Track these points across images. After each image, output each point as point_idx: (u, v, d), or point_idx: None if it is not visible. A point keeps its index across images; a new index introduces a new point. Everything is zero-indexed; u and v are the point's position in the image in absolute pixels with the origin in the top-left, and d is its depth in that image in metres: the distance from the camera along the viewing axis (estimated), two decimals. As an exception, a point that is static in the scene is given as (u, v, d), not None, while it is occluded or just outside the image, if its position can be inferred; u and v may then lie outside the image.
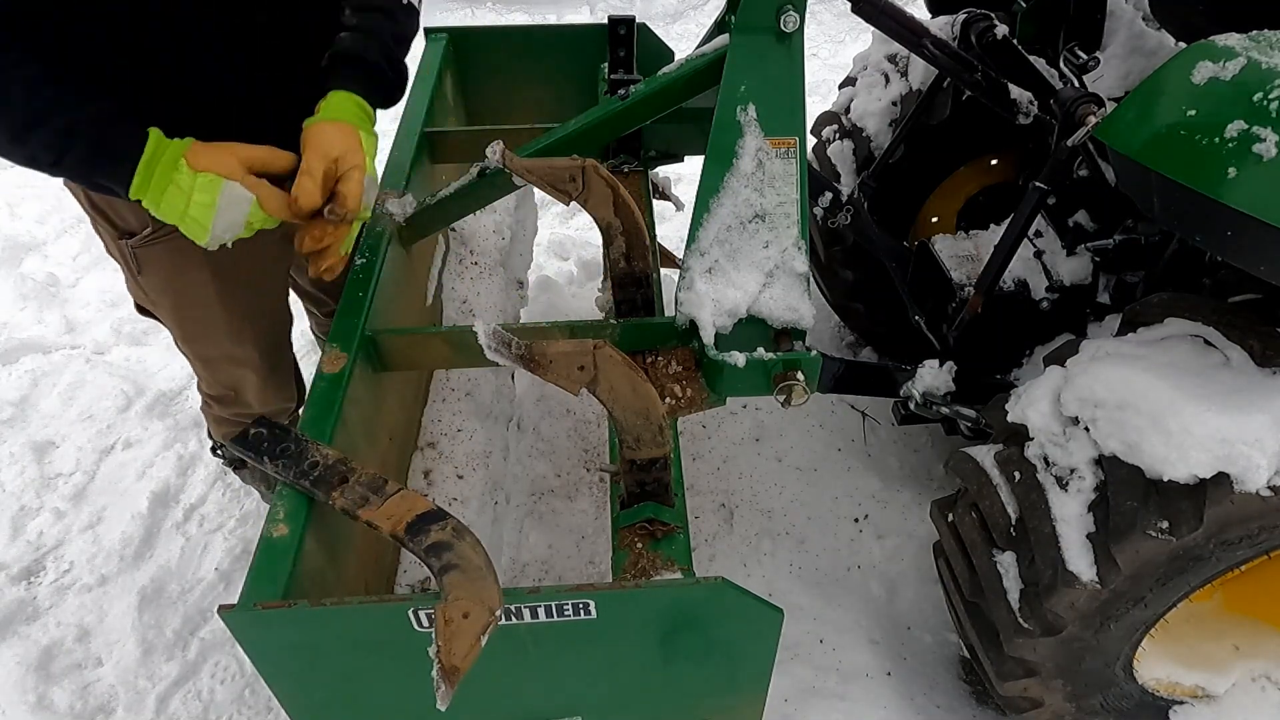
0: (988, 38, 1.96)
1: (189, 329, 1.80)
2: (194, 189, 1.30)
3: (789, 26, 1.63)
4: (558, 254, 3.61)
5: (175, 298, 1.72)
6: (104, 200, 1.56)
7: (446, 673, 0.95)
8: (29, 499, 2.53)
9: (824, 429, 2.72)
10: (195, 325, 1.79)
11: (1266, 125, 1.27)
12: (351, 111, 1.46)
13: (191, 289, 1.69)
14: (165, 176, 1.29)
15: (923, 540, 2.36)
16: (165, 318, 1.80)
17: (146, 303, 1.79)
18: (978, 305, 1.97)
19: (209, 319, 1.76)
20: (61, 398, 2.85)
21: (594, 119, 1.85)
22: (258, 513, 2.50)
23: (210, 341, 1.82)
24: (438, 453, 1.86)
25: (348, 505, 1.19)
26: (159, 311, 1.79)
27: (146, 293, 1.74)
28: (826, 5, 5.84)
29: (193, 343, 1.84)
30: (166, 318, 1.80)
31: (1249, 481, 1.36)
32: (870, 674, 2.09)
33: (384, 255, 1.76)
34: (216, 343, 1.82)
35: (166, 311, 1.77)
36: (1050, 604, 1.52)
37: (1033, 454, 1.62)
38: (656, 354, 1.59)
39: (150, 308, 1.80)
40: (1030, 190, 1.83)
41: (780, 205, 1.59)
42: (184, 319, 1.78)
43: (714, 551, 2.38)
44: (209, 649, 2.17)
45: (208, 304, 1.72)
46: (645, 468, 1.36)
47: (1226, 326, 1.53)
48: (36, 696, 2.06)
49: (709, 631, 1.19)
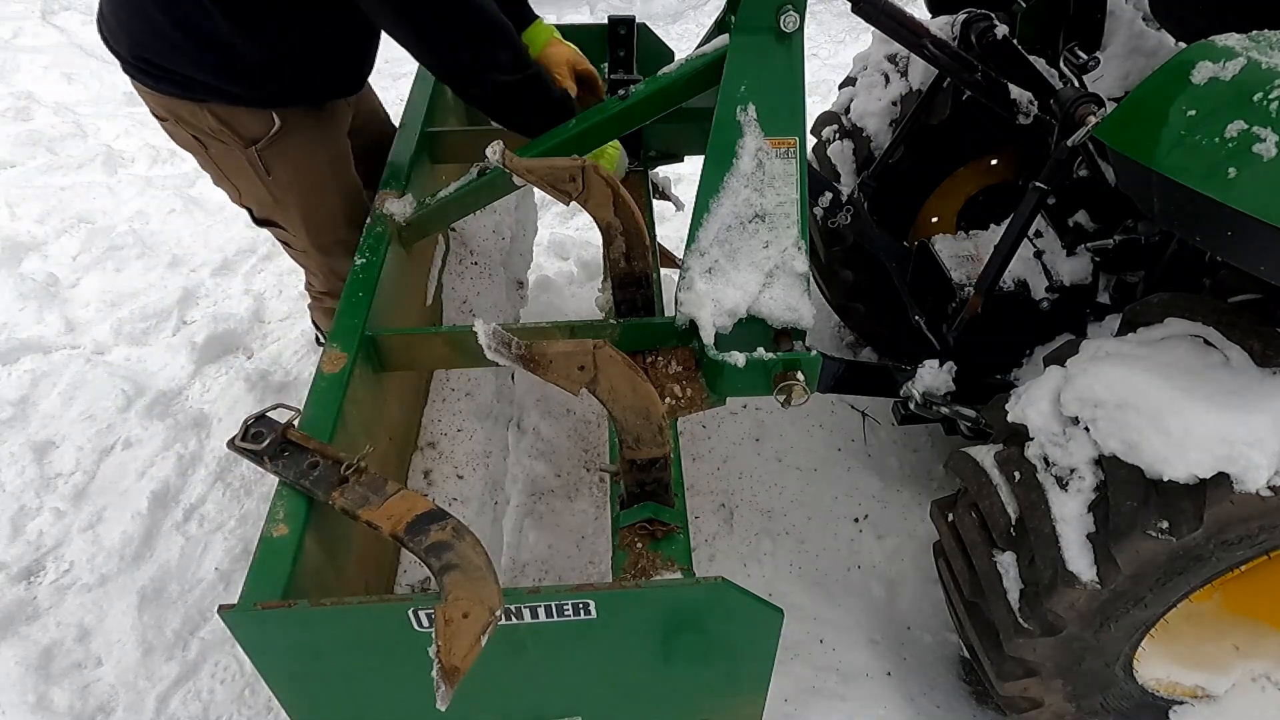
0: (988, 38, 1.96)
1: (313, 218, 2.03)
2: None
3: (789, 26, 1.63)
4: (558, 254, 3.61)
5: (301, 187, 1.97)
6: (227, 113, 1.81)
7: (446, 673, 0.95)
8: (29, 499, 2.53)
9: (824, 429, 2.72)
10: (319, 212, 2.03)
11: (1266, 125, 1.27)
12: (550, 31, 2.08)
13: (315, 175, 1.97)
14: None
15: (923, 540, 2.36)
16: (293, 211, 2.01)
17: (271, 205, 2.00)
18: (978, 305, 1.97)
19: (329, 204, 2.03)
20: (61, 398, 2.85)
21: (594, 119, 1.85)
22: (258, 513, 2.50)
23: (330, 227, 2.06)
24: (438, 453, 1.86)
25: (348, 505, 1.19)
26: (284, 209, 2.01)
27: (274, 193, 1.96)
28: (826, 5, 5.84)
29: (317, 232, 2.07)
30: (294, 210, 2.01)
31: (1249, 481, 1.36)
32: (870, 674, 2.09)
33: (384, 255, 1.76)
34: (335, 227, 2.06)
35: (294, 204, 1.99)
36: (1050, 604, 1.52)
37: (1033, 454, 1.62)
38: (656, 354, 1.60)
39: (275, 208, 2.01)
40: (1030, 190, 1.83)
41: (780, 205, 1.60)
42: (309, 206, 2.01)
43: (714, 551, 2.38)
44: (209, 649, 2.17)
45: (327, 189, 2.01)
46: (645, 468, 1.36)
47: (1226, 326, 1.53)
48: (36, 696, 2.06)
49: (709, 632, 1.19)
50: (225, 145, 1.87)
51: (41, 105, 4.84)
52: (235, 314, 3.24)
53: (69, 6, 6.09)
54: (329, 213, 2.04)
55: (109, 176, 4.20)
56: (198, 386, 2.95)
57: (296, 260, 2.30)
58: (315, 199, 2.01)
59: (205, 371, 3.01)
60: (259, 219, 2.10)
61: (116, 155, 4.36)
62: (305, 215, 2.02)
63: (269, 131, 1.84)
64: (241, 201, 2.05)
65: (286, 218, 2.04)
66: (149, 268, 3.52)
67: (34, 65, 5.26)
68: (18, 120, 4.66)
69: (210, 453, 2.67)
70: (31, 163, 4.28)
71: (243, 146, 1.86)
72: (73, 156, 4.33)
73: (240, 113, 1.82)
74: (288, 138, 1.87)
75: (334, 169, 2.01)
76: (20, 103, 4.79)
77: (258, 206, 2.05)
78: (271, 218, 2.07)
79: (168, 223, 3.85)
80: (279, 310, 3.33)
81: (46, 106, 4.84)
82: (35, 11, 5.93)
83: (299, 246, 2.16)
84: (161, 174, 4.28)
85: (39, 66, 5.26)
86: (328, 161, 1.99)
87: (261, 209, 2.05)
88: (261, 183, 1.93)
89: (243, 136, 1.85)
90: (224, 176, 1.98)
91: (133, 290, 3.39)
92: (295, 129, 1.87)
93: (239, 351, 3.12)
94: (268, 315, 3.31)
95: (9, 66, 5.22)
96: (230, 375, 2.97)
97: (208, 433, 2.76)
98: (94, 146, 4.42)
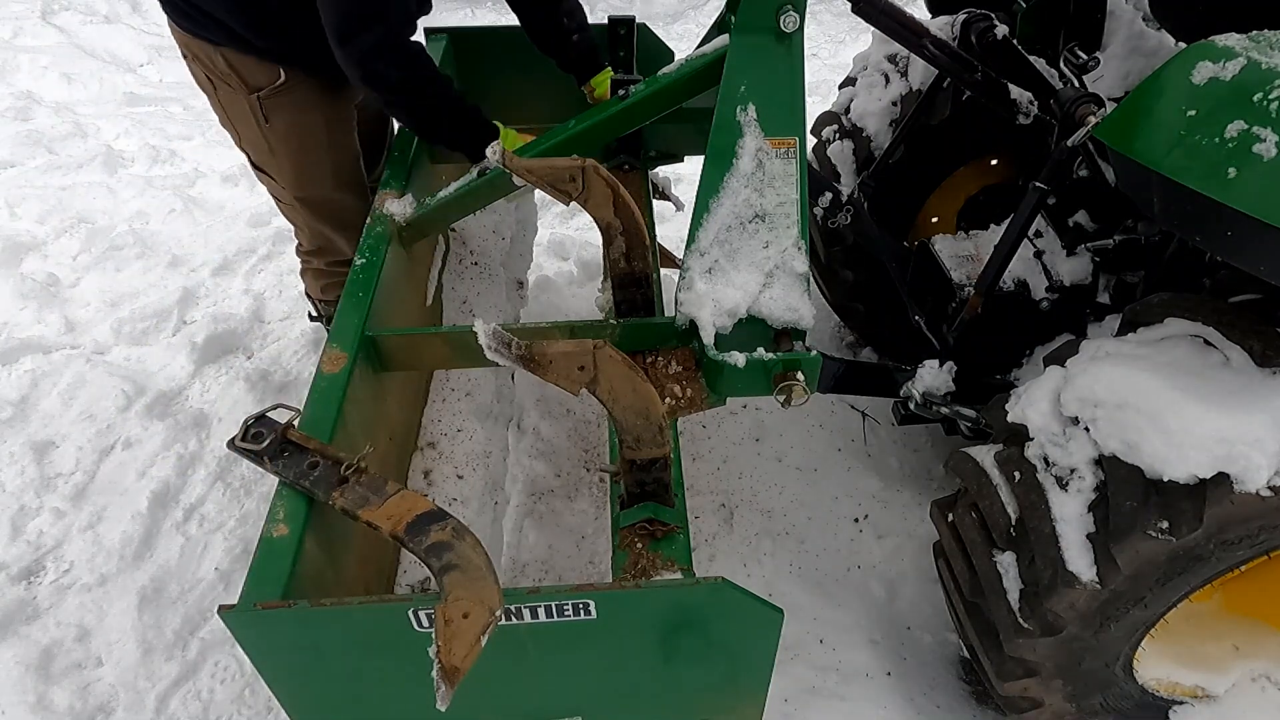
0: (988, 38, 1.96)
1: (304, 172, 2.17)
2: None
3: (789, 26, 1.63)
4: (558, 254, 3.61)
5: (296, 140, 2.10)
6: (238, 60, 1.97)
7: (446, 673, 0.95)
8: (29, 499, 2.53)
9: (824, 429, 2.72)
10: (309, 168, 2.16)
11: (1266, 125, 1.27)
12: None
13: (310, 131, 2.10)
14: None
15: (923, 540, 2.36)
16: (284, 162, 2.14)
17: (265, 153, 2.14)
18: (978, 305, 1.97)
19: (320, 161, 2.15)
20: (61, 398, 2.85)
21: (594, 119, 1.85)
22: (258, 513, 2.50)
23: (317, 183, 2.20)
24: (438, 453, 1.86)
25: (348, 505, 1.19)
26: (278, 159, 2.14)
27: (269, 140, 2.09)
28: (826, 5, 5.84)
29: (306, 186, 2.21)
30: (285, 161, 2.14)
31: (1249, 481, 1.36)
32: (870, 674, 2.09)
33: (384, 255, 1.76)
34: (322, 184, 2.20)
35: (287, 155, 2.12)
36: (1050, 604, 1.52)
37: (1033, 454, 1.62)
38: (656, 354, 1.60)
39: (269, 157, 2.15)
40: (1030, 190, 1.83)
41: (780, 205, 1.60)
42: (301, 161, 2.14)
43: (714, 551, 2.38)
44: (209, 649, 2.17)
45: (320, 146, 2.13)
46: (645, 468, 1.36)
47: (1226, 326, 1.53)
48: (36, 696, 2.06)
49: (709, 632, 1.19)
50: (231, 90, 2.02)
51: (41, 105, 4.84)
52: (235, 314, 3.24)
53: (69, 6, 6.10)
54: (318, 170, 2.17)
55: (109, 176, 4.20)
56: (198, 386, 2.95)
57: (284, 215, 2.44)
58: (307, 154, 2.13)
59: (205, 371, 3.01)
60: (254, 164, 2.24)
61: (116, 155, 4.37)
62: (295, 168, 2.16)
63: (273, 83, 1.99)
64: (240, 145, 2.20)
65: (278, 168, 2.17)
66: (149, 268, 3.52)
67: (34, 65, 5.27)
68: (18, 120, 4.66)
69: (210, 453, 2.67)
70: (31, 163, 4.28)
71: (246, 93, 2.01)
72: (73, 156, 4.33)
73: (250, 61, 1.97)
74: (290, 93, 2.01)
75: (330, 129, 2.13)
76: (20, 103, 4.80)
77: (254, 152, 2.19)
78: (264, 166, 2.21)
79: (168, 223, 3.85)
80: (279, 310, 3.32)
81: (46, 106, 4.84)
82: (35, 11, 5.93)
83: (285, 200, 2.29)
84: (161, 174, 4.28)
85: (39, 66, 5.26)
86: (324, 122, 2.10)
87: (257, 154, 2.18)
88: (259, 129, 2.07)
89: (248, 83, 2.00)
90: (228, 119, 2.13)
91: (133, 290, 3.39)
92: (298, 86, 2.01)
93: (239, 351, 3.12)
94: (268, 315, 3.31)
95: (9, 66, 5.23)
96: (230, 375, 2.97)
97: (208, 433, 2.76)
98: (94, 146, 4.42)
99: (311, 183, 2.20)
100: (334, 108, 2.11)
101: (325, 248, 2.44)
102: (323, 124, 2.10)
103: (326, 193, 2.22)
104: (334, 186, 2.21)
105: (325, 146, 2.14)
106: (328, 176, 2.19)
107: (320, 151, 2.14)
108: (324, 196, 2.23)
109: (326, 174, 2.18)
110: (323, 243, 2.42)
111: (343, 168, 2.20)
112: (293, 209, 2.33)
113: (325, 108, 2.09)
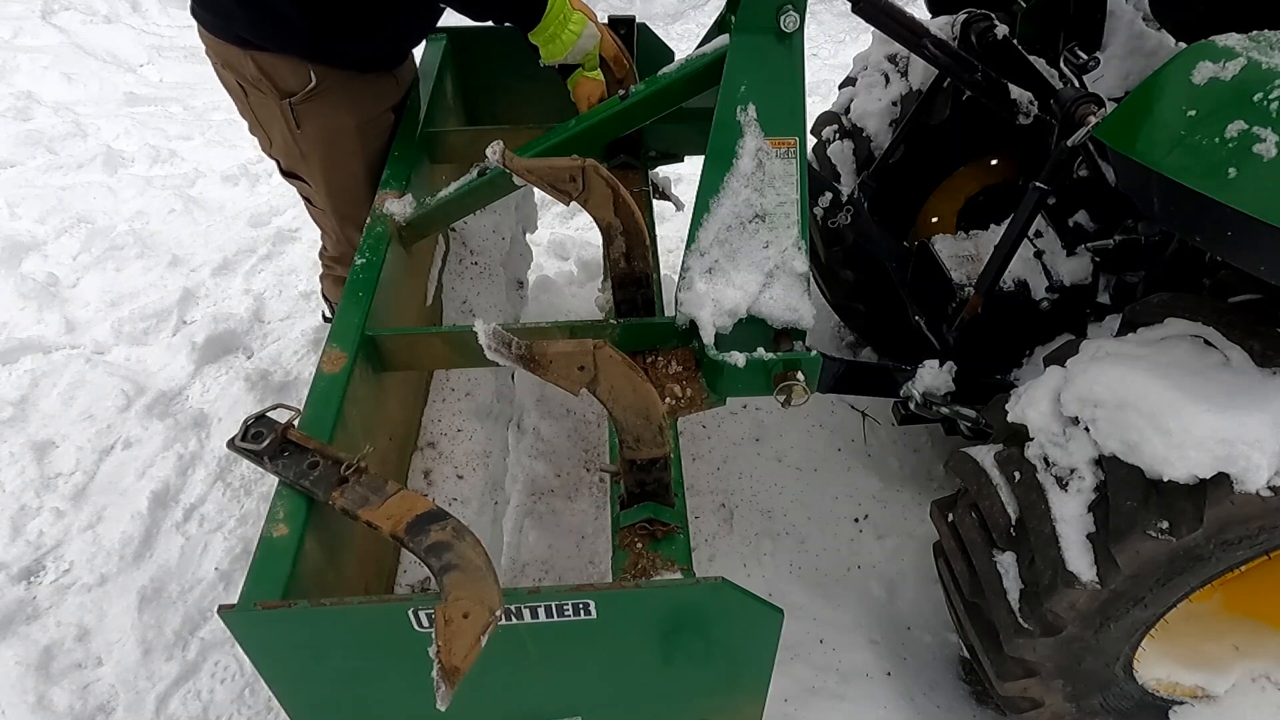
0: (988, 38, 1.96)
1: (334, 181, 2.14)
2: (569, 20, 1.90)
3: (789, 26, 1.63)
4: (558, 254, 3.61)
5: (327, 147, 2.06)
6: (269, 65, 1.92)
7: (446, 673, 0.95)
8: (29, 499, 2.53)
9: (824, 429, 2.72)
10: (339, 174, 2.12)
11: (1266, 125, 1.27)
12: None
13: (341, 138, 2.06)
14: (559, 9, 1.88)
15: (923, 540, 2.36)
16: (315, 169, 2.11)
17: (298, 160, 2.10)
18: (978, 305, 1.97)
19: (351, 169, 2.11)
20: (61, 398, 2.85)
21: (594, 119, 1.85)
22: (258, 513, 2.50)
23: (349, 192, 2.15)
24: (438, 453, 1.86)
25: (348, 505, 1.19)
26: (309, 164, 2.10)
27: (301, 147, 2.06)
28: (826, 5, 5.85)
29: (335, 195, 2.17)
30: (316, 168, 2.11)
31: (1249, 481, 1.36)
32: (870, 674, 2.09)
33: (384, 255, 1.76)
34: (354, 193, 2.14)
35: (317, 162, 2.09)
36: (1050, 604, 1.52)
37: (1033, 454, 1.62)
38: (656, 354, 1.59)
39: (301, 163, 2.11)
40: (1030, 190, 1.83)
41: (780, 205, 1.60)
42: (331, 167, 2.11)
43: (714, 551, 2.38)
44: (209, 649, 2.17)
45: (352, 154, 2.09)
46: (645, 468, 1.36)
47: (1226, 326, 1.53)
48: (36, 696, 2.06)
49: (709, 632, 1.19)
50: (262, 95, 1.98)
51: (41, 105, 4.84)
52: (235, 314, 3.24)
53: (69, 6, 6.09)
54: (350, 178, 2.12)
55: (109, 176, 4.20)
56: (198, 386, 2.95)
57: (315, 220, 2.40)
58: (338, 161, 2.10)
59: (205, 371, 3.01)
60: (285, 171, 2.20)
61: (116, 155, 4.36)
62: (327, 175, 2.12)
63: (305, 87, 1.94)
64: (271, 152, 2.16)
65: (310, 173, 2.14)
66: (149, 268, 3.52)
67: (34, 65, 5.26)
68: (18, 120, 4.66)
69: (210, 453, 2.67)
70: (31, 162, 4.28)
71: (278, 98, 1.96)
72: (73, 156, 4.33)
73: (280, 64, 1.92)
74: (321, 97, 1.97)
75: (363, 136, 2.08)
76: (20, 103, 4.80)
77: (285, 158, 2.15)
78: (296, 171, 2.17)
79: (168, 223, 3.85)
80: (279, 310, 3.33)
81: (46, 106, 4.84)
82: (35, 11, 5.93)
83: (319, 204, 2.25)
84: (161, 174, 4.28)
85: (39, 66, 5.26)
86: (356, 127, 2.05)
87: (288, 161, 2.15)
88: (290, 135, 2.04)
89: (279, 88, 1.95)
90: (258, 124, 2.10)
91: (133, 290, 3.39)
92: (331, 90, 1.97)
93: (239, 351, 3.12)
94: (268, 315, 3.31)
95: (9, 66, 5.22)
96: (230, 375, 2.97)
97: (208, 433, 2.76)
98: (94, 146, 4.42)
99: (343, 192, 2.17)
100: (367, 112, 2.07)
101: (349, 255, 2.39)
102: (355, 129, 2.07)
103: (355, 206, 2.15)
104: (365, 193, 2.13)
105: (357, 154, 2.11)
106: (360, 186, 2.14)
107: (351, 159, 2.11)
108: (356, 206, 2.16)
109: (360, 183, 2.14)
110: (347, 250, 2.37)
111: (374, 174, 2.13)
112: (324, 215, 2.30)
113: (358, 112, 2.06)
